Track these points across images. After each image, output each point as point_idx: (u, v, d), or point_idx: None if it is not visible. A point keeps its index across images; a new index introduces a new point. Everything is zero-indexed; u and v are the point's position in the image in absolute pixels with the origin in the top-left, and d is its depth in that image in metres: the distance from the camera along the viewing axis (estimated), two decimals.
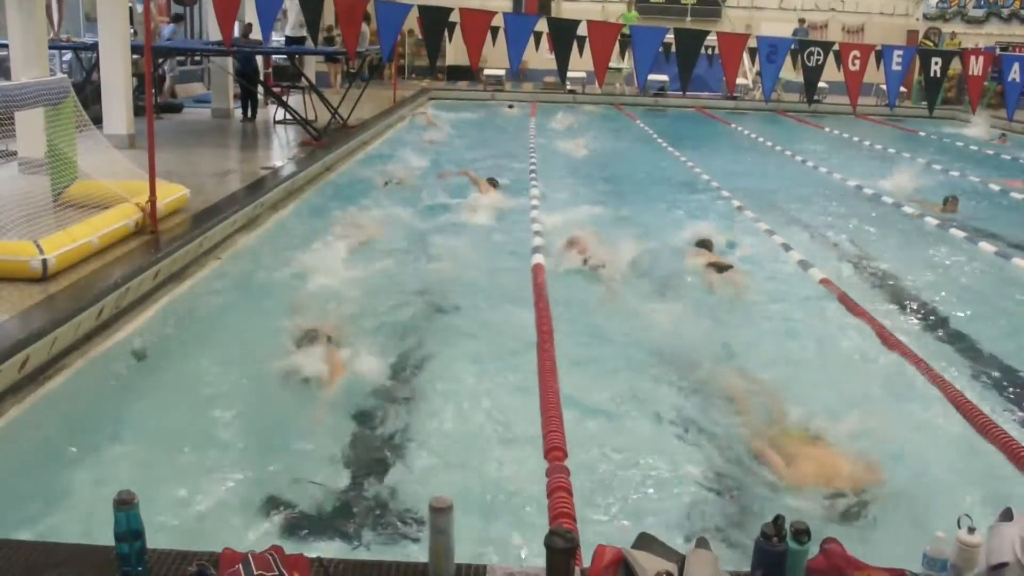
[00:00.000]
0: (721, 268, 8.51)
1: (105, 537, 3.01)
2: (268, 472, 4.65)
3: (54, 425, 5.17)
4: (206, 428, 5.10)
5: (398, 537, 4.17)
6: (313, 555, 3.10)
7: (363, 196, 11.68)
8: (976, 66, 12.40)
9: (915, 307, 8.16)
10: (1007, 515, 3.19)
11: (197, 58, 21.08)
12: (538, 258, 8.73)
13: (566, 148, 16.63)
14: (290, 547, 3.20)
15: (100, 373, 5.89)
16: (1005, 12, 29.51)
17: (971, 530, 3.04)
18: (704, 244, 9.39)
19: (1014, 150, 19.57)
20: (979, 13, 29.55)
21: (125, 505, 2.92)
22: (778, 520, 3.00)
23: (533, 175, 13.54)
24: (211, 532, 4.04)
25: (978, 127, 21.80)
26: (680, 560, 3.12)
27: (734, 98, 25.20)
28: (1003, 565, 3.03)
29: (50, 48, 12.31)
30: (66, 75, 11.67)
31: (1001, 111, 17.16)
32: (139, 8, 16.91)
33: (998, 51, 20.74)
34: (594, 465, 4.88)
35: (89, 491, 4.32)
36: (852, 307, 7.73)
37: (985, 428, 5.32)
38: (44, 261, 6.60)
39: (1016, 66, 12.21)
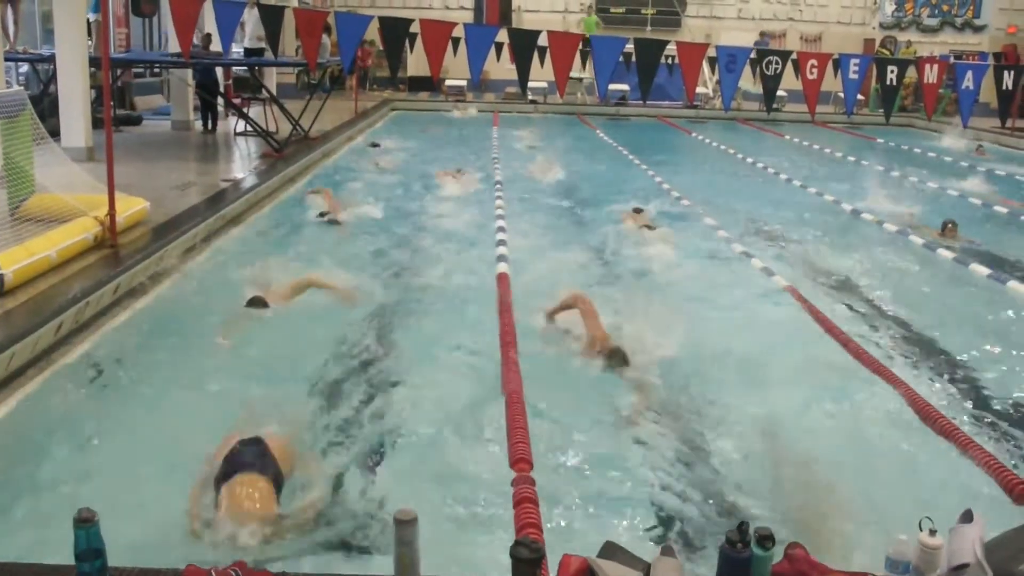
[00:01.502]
0: (650, 228, 10.38)
1: (65, 556, 2.97)
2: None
3: (11, 442, 5.09)
4: (166, 443, 5.04)
5: (363, 550, 4.14)
6: (277, 569, 3.08)
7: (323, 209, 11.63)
8: (931, 74, 12.60)
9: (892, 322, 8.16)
10: (967, 516, 3.23)
11: (156, 70, 20.93)
12: (502, 267, 8.73)
13: (528, 159, 16.65)
14: (254, 562, 3.17)
15: (59, 389, 5.82)
16: (958, 21, 30.00)
17: (932, 532, 3.07)
18: (637, 210, 11.45)
19: (993, 163, 18.63)
20: (933, 22, 30.02)
21: (85, 523, 2.88)
22: (742, 526, 3.02)
23: (498, 185, 13.55)
24: (174, 549, 3.99)
25: (954, 138, 21.03)
26: (646, 568, 3.13)
27: (694, 107, 25.39)
28: (964, 566, 3.07)
29: (6, 60, 12.17)
30: (23, 87, 11.53)
31: (957, 118, 17.22)
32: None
33: (952, 59, 21.04)
34: (559, 473, 4.88)
35: (48, 509, 4.25)
36: (819, 317, 7.76)
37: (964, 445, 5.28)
38: (1, 276, 6.51)
39: (969, 74, 12.44)
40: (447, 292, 8.29)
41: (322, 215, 10.86)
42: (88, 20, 14.21)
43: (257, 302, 7.17)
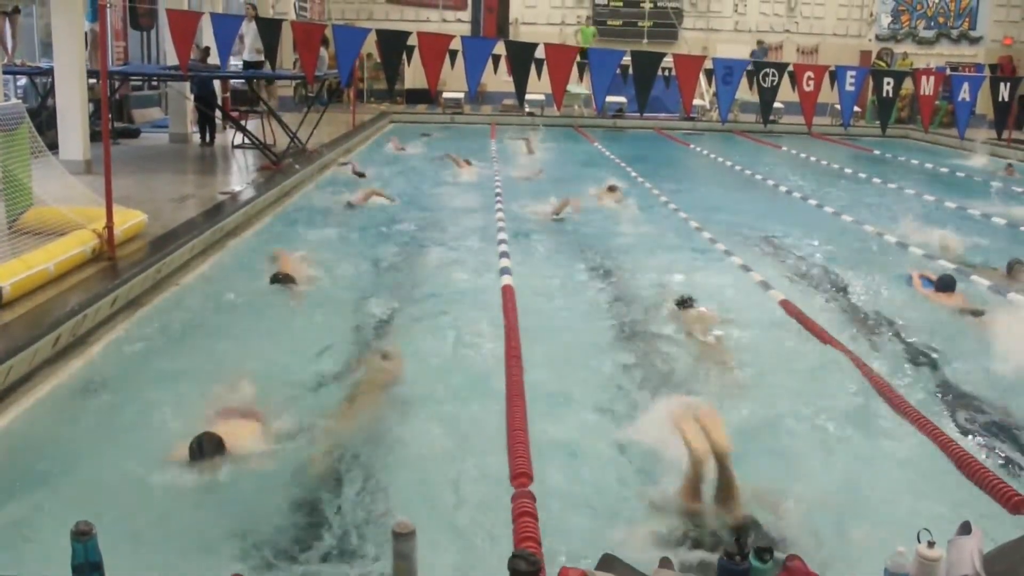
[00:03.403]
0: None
1: (62, 570, 2.96)
2: (227, 501, 4.59)
3: (8, 456, 5.08)
4: (163, 457, 5.03)
5: (361, 563, 4.13)
6: None
7: (322, 219, 11.65)
8: (927, 86, 12.66)
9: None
10: (966, 528, 3.23)
11: (154, 82, 20.97)
12: (506, 279, 8.71)
13: (526, 171, 16.65)
14: (251, 574, 3.16)
15: (57, 403, 5.81)
16: (954, 33, 30.10)
17: (931, 544, 3.07)
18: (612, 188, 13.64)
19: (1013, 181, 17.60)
20: (929, 34, 30.13)
21: (83, 536, 2.88)
22: (741, 539, 3.02)
23: (498, 197, 13.55)
24: (172, 562, 3.99)
25: (980, 157, 20.20)
26: None
27: (691, 119, 25.39)
28: None
29: (4, 73, 12.19)
30: (21, 100, 11.54)
31: (953, 130, 17.07)
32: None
33: (948, 71, 21.11)
34: (558, 485, 4.87)
35: (45, 522, 4.24)
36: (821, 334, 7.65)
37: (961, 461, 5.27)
38: None
39: (965, 85, 12.49)
40: (449, 302, 8.29)
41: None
42: (85, 32, 14.22)
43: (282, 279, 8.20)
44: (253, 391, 5.79)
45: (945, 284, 8.78)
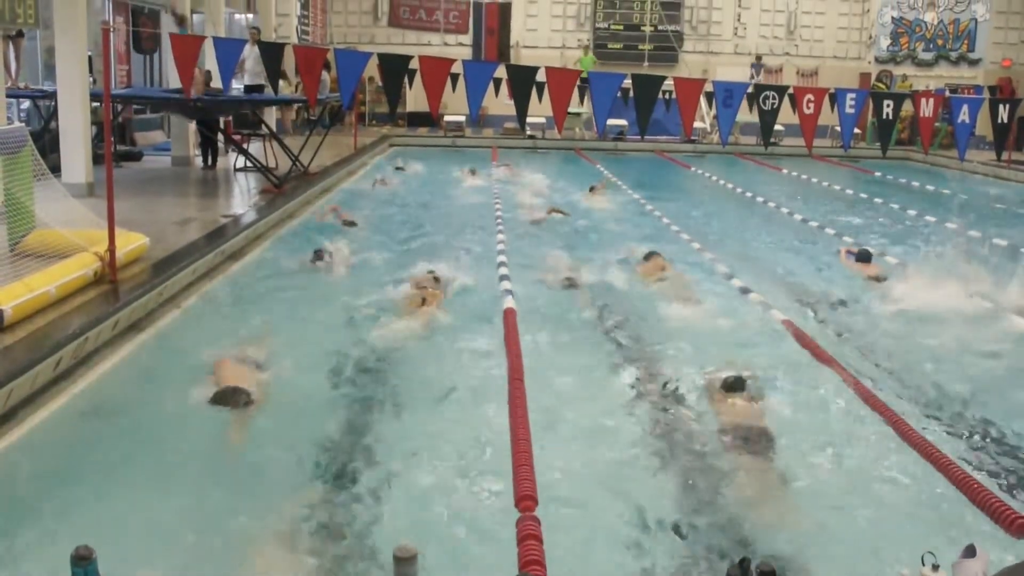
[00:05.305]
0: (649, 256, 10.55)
1: None
2: (230, 527, 4.57)
3: (8, 480, 5.07)
4: (166, 482, 5.02)
5: None
6: None
7: (321, 240, 11.65)
8: (927, 108, 12.73)
9: None
10: (970, 551, 3.22)
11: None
12: (509, 302, 8.70)
13: (528, 193, 16.67)
14: None
15: (58, 425, 5.80)
16: (953, 55, 30.20)
17: (935, 567, 3.06)
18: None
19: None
20: (928, 56, 30.22)
21: (83, 560, 2.87)
22: (744, 562, 3.01)
23: (499, 221, 13.56)
24: None
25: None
26: None
27: (692, 142, 25.43)
28: None
29: (8, 96, 12.24)
30: (24, 123, 11.58)
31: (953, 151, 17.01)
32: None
33: (947, 93, 21.15)
34: (560, 508, 4.85)
35: (45, 547, 4.23)
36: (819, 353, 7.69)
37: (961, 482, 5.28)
38: (0, 312, 6.51)
39: (965, 107, 12.56)
40: (450, 327, 8.28)
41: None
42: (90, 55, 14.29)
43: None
44: None
45: (862, 256, 11.01)
